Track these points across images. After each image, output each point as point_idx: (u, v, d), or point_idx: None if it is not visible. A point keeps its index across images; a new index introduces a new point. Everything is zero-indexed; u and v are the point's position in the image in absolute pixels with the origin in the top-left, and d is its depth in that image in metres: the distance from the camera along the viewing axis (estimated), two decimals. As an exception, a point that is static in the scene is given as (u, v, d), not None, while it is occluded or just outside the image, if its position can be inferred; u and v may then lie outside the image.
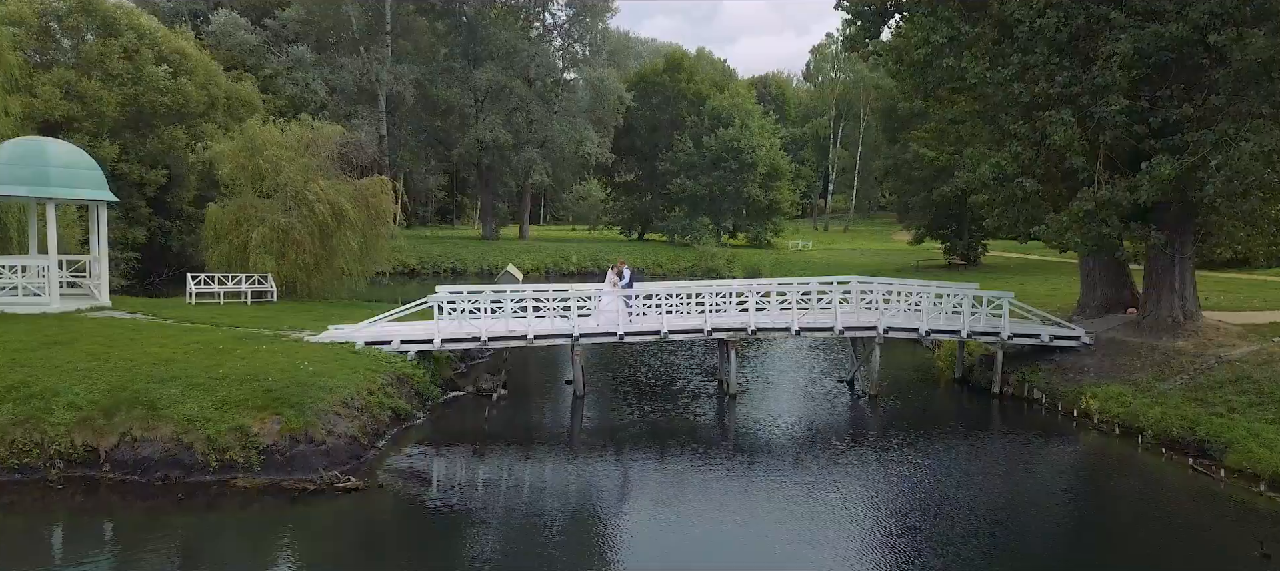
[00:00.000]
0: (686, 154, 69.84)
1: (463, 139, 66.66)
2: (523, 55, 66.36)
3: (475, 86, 65.97)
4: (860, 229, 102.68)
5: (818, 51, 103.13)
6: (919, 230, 49.40)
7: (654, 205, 77.55)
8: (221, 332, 21.53)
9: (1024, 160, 20.05)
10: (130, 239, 44.72)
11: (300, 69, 61.17)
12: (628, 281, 23.50)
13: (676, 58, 77.20)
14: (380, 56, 65.47)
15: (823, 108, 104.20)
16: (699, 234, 68.96)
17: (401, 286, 60.71)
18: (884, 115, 49.45)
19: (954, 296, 23.61)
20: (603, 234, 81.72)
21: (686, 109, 73.70)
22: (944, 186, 44.80)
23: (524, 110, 67.74)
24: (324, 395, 16.88)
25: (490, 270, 63.63)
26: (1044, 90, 19.75)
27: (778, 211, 71.77)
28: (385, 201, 30.35)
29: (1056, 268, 48.02)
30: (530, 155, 66.81)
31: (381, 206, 30.08)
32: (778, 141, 73.25)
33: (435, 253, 64.45)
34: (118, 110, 42.59)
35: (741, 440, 19.51)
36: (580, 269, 65.45)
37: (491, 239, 72.23)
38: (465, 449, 17.75)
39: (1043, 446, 19.32)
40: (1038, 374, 22.79)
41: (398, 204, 66.94)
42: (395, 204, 31.34)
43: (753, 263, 64.16)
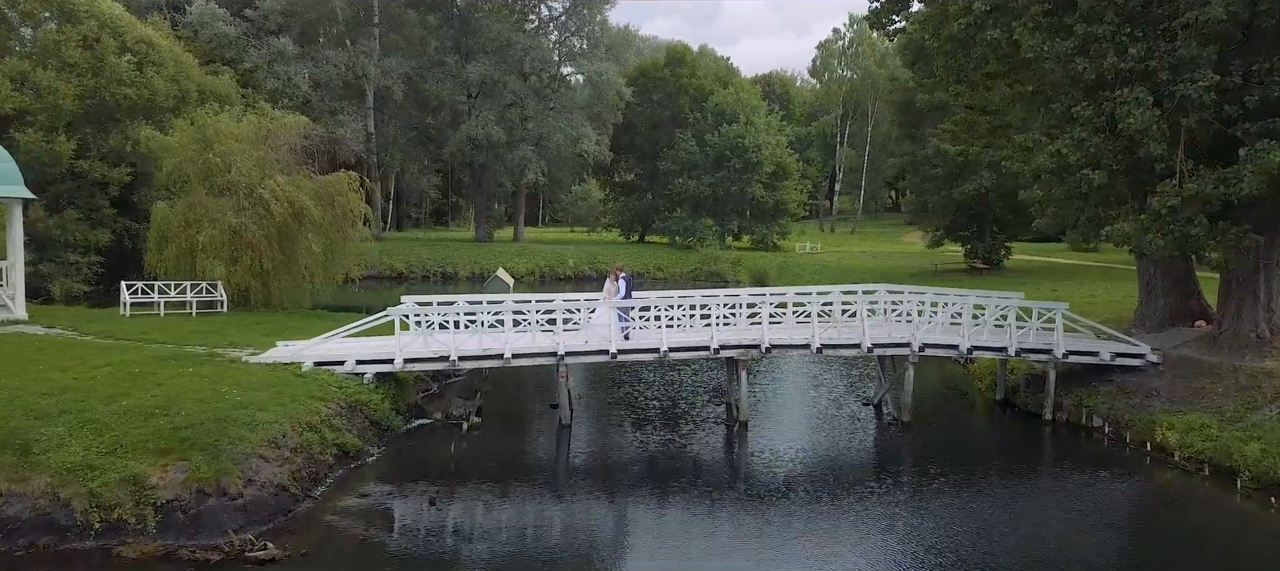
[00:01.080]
0: (689, 152, 66.76)
1: (454, 136, 63.58)
2: (517, 49, 63.28)
3: (467, 81, 62.91)
4: (867, 230, 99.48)
5: (824, 47, 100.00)
6: (937, 231, 46.25)
7: (655, 206, 74.43)
8: (146, 352, 18.45)
9: (1089, 149, 16.88)
10: (93, 241, 41.62)
11: (282, 62, 58.12)
12: (624, 291, 20.43)
13: (678, 52, 74.08)
14: (367, 50, 62.41)
15: (829, 105, 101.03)
16: (702, 236, 65.85)
17: (387, 291, 57.65)
18: (900, 109, 46.36)
19: (998, 307, 20.49)
20: (602, 236, 78.63)
21: (689, 105, 70.58)
22: (966, 184, 41.71)
23: (518, 106, 64.66)
24: (247, 433, 13.79)
25: (482, 274, 60.53)
26: (1113, 65, 16.64)
27: (784, 212, 68.57)
28: (353, 199, 27.24)
29: (1087, 272, 44.89)
30: (525, 153, 63.71)
31: (349, 205, 26.97)
32: (784, 139, 70.05)
33: (424, 256, 61.42)
34: (75, 103, 39.55)
35: (754, 476, 16.54)
36: (577, 272, 62.35)
37: (485, 241, 69.13)
38: (425, 491, 14.69)
39: (1111, 485, 16.22)
40: (1097, 397, 19.66)
41: (376, 202, 64.51)
42: (366, 202, 28.17)
43: (759, 266, 61.01)
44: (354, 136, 60.55)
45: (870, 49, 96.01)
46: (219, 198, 25.91)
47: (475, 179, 70.53)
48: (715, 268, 61.44)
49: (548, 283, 60.99)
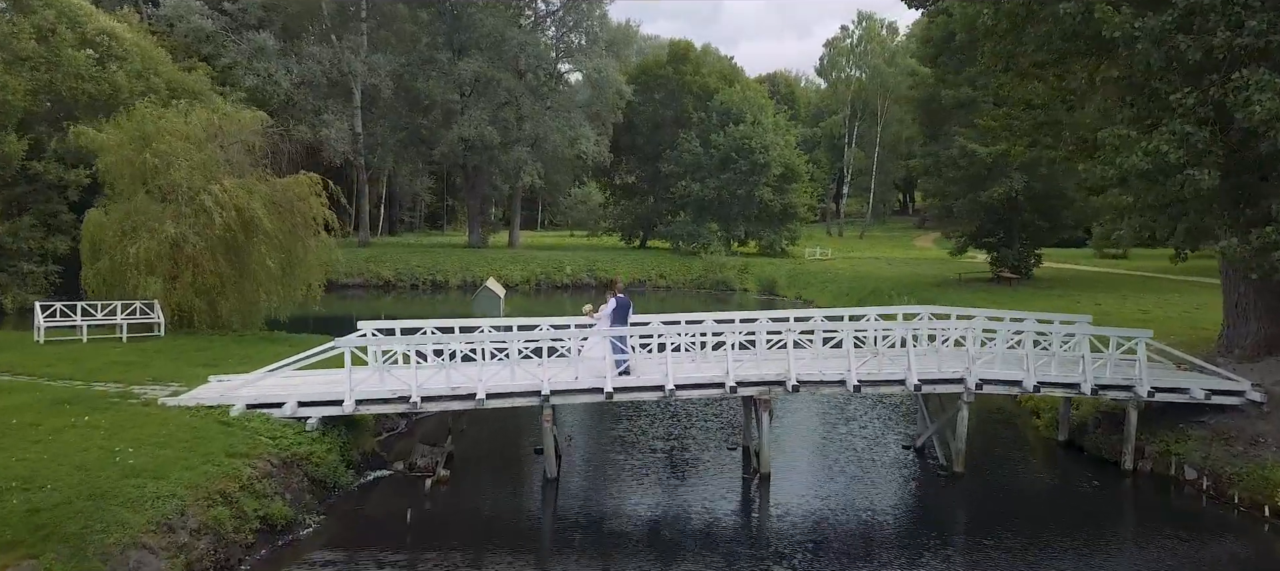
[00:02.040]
0: (692, 153, 63.55)
1: (446, 137, 60.40)
2: (512, 44, 60.09)
3: (459, 79, 59.72)
4: (877, 234, 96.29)
5: (832, 45, 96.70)
6: (962, 238, 42.98)
7: (657, 210, 71.15)
8: (39, 393, 15.24)
9: (1195, 145, 13.65)
10: (50, 249, 38.60)
11: (263, 58, 54.97)
12: (615, 315, 17.26)
13: (681, 49, 70.84)
14: (354, 46, 59.24)
15: (836, 106, 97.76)
16: (706, 241, 62.63)
17: (375, 300, 54.56)
18: (922, 107, 43.11)
19: (1065, 333, 17.28)
20: (602, 241, 75.40)
21: (692, 104, 67.36)
22: (995, 187, 38.47)
23: (513, 105, 61.48)
24: (129, 514, 10.61)
25: (474, 282, 57.35)
26: (1225, 42, 13.41)
27: (793, 216, 65.27)
28: (315, 204, 23.99)
29: (1125, 282, 41.65)
30: (520, 155, 60.49)
31: (309, 211, 23.73)
32: (793, 139, 66.76)
33: (413, 263, 58.22)
34: (27, 99, 36.49)
35: (777, 539, 13.48)
36: (575, 280, 59.16)
37: (479, 247, 65.90)
38: (377, 564, 11.55)
39: (1212, 553, 13.05)
40: (1188, 443, 16.42)
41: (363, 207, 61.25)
42: (335, 207, 24.87)
43: (767, 274, 57.82)
44: (339, 137, 57.39)
45: (880, 47, 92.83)
46: (164, 203, 22.71)
47: (469, 182, 67.33)
48: (721, 275, 58.24)
49: (544, 291, 57.84)
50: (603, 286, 58.97)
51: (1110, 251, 54.92)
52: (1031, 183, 39.04)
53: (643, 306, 57.73)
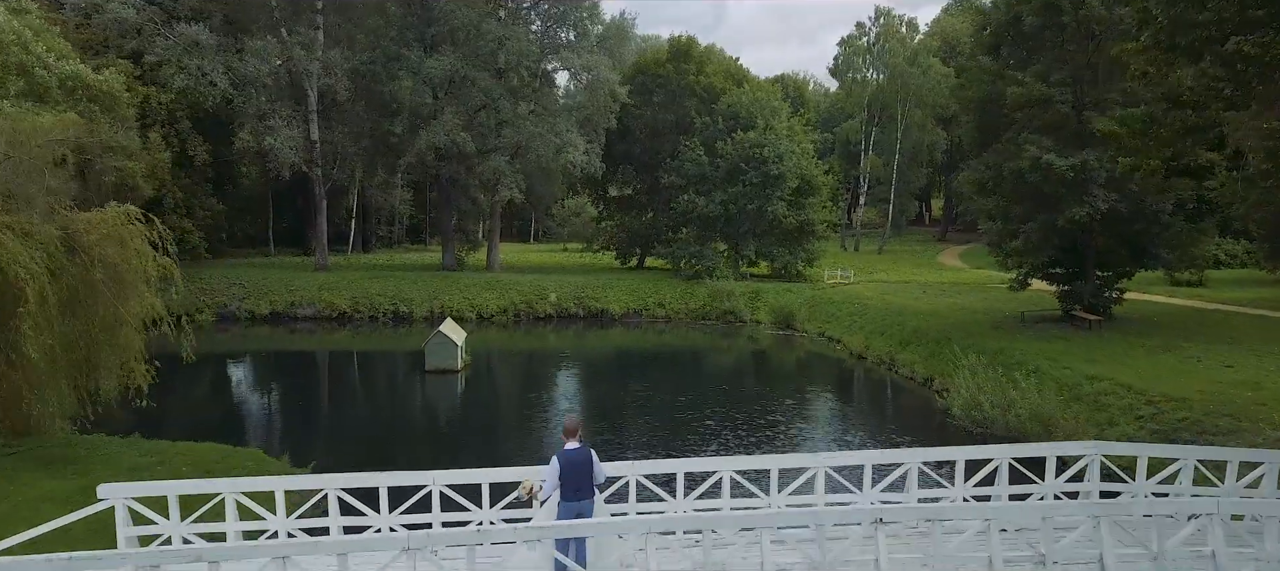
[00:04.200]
0: (696, 163, 55.76)
1: (413, 144, 52.69)
2: (489, 38, 52.37)
3: (428, 77, 52.02)
4: (895, 247, 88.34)
5: (847, 44, 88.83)
6: (1022, 269, 35.03)
7: (656, 226, 63.37)
8: None
9: None
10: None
11: (197, 54, 47.30)
12: (566, 474, 9.56)
13: (682, 45, 63.05)
14: (306, 41, 51.56)
15: (852, 109, 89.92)
16: (712, 262, 54.78)
17: (326, 335, 46.64)
18: (981, 109, 35.21)
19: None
20: (596, 259, 67.55)
21: (696, 107, 59.58)
22: (1077, 208, 30.61)
23: (491, 109, 53.73)
24: None
25: (442, 313, 49.57)
26: None
27: (811, 235, 57.34)
28: (131, 255, 16.20)
29: (1235, 322, 33.85)
30: (497, 165, 52.71)
31: (123, 262, 15.95)
32: (810, 146, 58.88)
33: (374, 291, 50.41)
34: None
35: None
36: (559, 310, 51.31)
37: (452, 269, 58.11)
38: None
39: None
40: None
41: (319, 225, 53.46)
42: (160, 250, 16.96)
43: (782, 303, 49.94)
44: (288, 145, 49.70)
45: (899, 45, 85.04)
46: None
47: (442, 195, 59.60)
48: (728, 304, 50.35)
49: (524, 323, 50.02)
50: (589, 318, 51.27)
51: (1184, 278, 47.07)
52: (1117, 203, 31.21)
53: (638, 341, 50.65)
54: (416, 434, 26.59)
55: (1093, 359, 27.43)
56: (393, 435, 25.91)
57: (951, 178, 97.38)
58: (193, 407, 29.93)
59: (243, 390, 34.44)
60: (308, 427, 26.68)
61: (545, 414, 28.16)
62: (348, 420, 27.76)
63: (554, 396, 31.32)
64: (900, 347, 36.49)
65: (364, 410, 29.27)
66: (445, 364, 32.81)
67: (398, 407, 30.06)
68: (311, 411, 29.14)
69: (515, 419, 27.99)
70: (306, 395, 32.38)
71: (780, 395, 31.44)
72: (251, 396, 33.45)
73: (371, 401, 31.18)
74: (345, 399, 31.70)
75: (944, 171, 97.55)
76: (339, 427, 26.53)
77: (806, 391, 32.84)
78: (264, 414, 29.76)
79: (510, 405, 30.50)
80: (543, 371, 37.96)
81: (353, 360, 40.67)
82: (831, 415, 28.56)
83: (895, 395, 32.28)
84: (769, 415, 27.59)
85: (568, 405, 29.34)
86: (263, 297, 48.84)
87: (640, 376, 36.19)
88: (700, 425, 25.93)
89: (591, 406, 30.03)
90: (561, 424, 11.86)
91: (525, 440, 24.85)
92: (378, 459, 21.60)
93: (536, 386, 34.06)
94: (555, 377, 35.82)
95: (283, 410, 30.08)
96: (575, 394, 32.02)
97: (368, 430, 26.10)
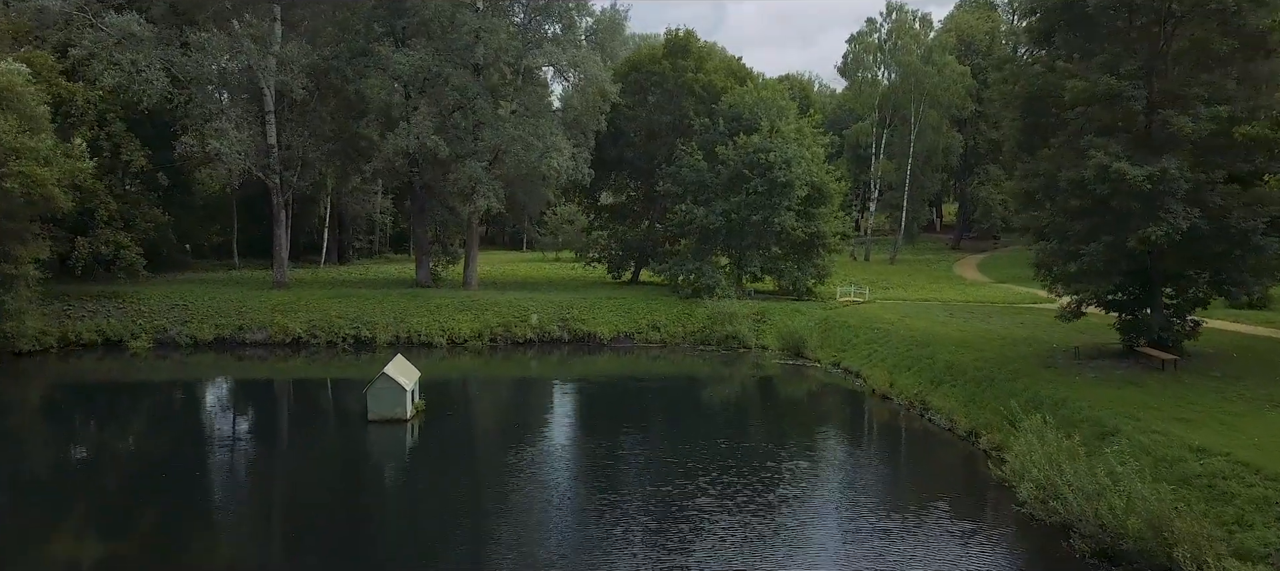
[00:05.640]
0: (695, 169, 50.39)
1: (380, 148, 47.39)
2: (464, 31, 47.02)
3: (398, 74, 46.72)
4: (907, 257, 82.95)
5: (857, 41, 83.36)
6: (1085, 296, 29.47)
7: (652, 236, 58.04)
8: None
9: None
10: None
11: (132, 47, 42.05)
12: None
13: (680, 40, 57.65)
14: (261, 33, 46.25)
15: (863, 110, 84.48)
16: (712, 279, 49.35)
17: (279, 362, 40.87)
18: (1027, 107, 29.75)
19: None
20: (587, 272, 62.13)
21: (695, 107, 54.22)
22: (1153, 226, 25.20)
23: (467, 109, 48.39)
24: None
25: (408, 339, 44.37)
26: None
27: (822, 247, 51.82)
28: None
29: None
30: (473, 171, 47.32)
31: None
32: (821, 151, 53.39)
33: (334, 312, 45.04)
34: None
35: None
36: (541, 334, 45.95)
37: (426, 285, 52.78)
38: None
39: None
40: None
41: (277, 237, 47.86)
42: None
43: (790, 326, 44.52)
44: (236, 149, 44.39)
45: (913, 41, 79.62)
46: None
47: (415, 204, 54.28)
48: (731, 328, 44.91)
49: (501, 349, 44.69)
50: (575, 342, 45.81)
51: (1244, 299, 41.50)
52: (1198, 220, 25.77)
53: (628, 369, 42.48)
54: (315, 521, 20.23)
55: (1184, 416, 22.00)
56: (273, 527, 20.34)
57: (967, 182, 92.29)
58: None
59: (98, 436, 28.90)
60: (157, 503, 20.94)
61: (503, 489, 22.73)
62: (230, 495, 22.35)
63: (521, 461, 25.57)
64: (932, 387, 31.05)
65: (259, 478, 23.65)
66: (390, 412, 27.41)
67: (310, 475, 24.16)
68: (181, 479, 22.87)
69: (463, 502, 21.75)
70: (192, 450, 26.04)
71: (794, 452, 26.01)
72: (118, 442, 27.94)
73: (281, 461, 25.56)
74: (245, 458, 25.73)
75: (959, 176, 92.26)
76: (204, 504, 21.11)
77: (825, 448, 27.39)
78: (112, 475, 23.90)
79: (463, 473, 24.59)
80: (511, 419, 32.32)
81: (287, 398, 35.26)
82: (861, 487, 23.07)
83: (933, 453, 26.80)
84: (780, 485, 22.20)
85: (530, 478, 23.84)
86: (207, 321, 43.46)
87: (626, 421, 30.75)
88: (691, 504, 20.53)
89: (559, 469, 24.64)
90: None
91: (473, 547, 19.09)
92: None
93: (500, 442, 28.37)
94: (523, 429, 30.02)
95: (139, 471, 24.27)
96: (543, 455, 26.45)
97: (246, 515, 20.69)
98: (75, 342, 41.17)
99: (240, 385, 37.30)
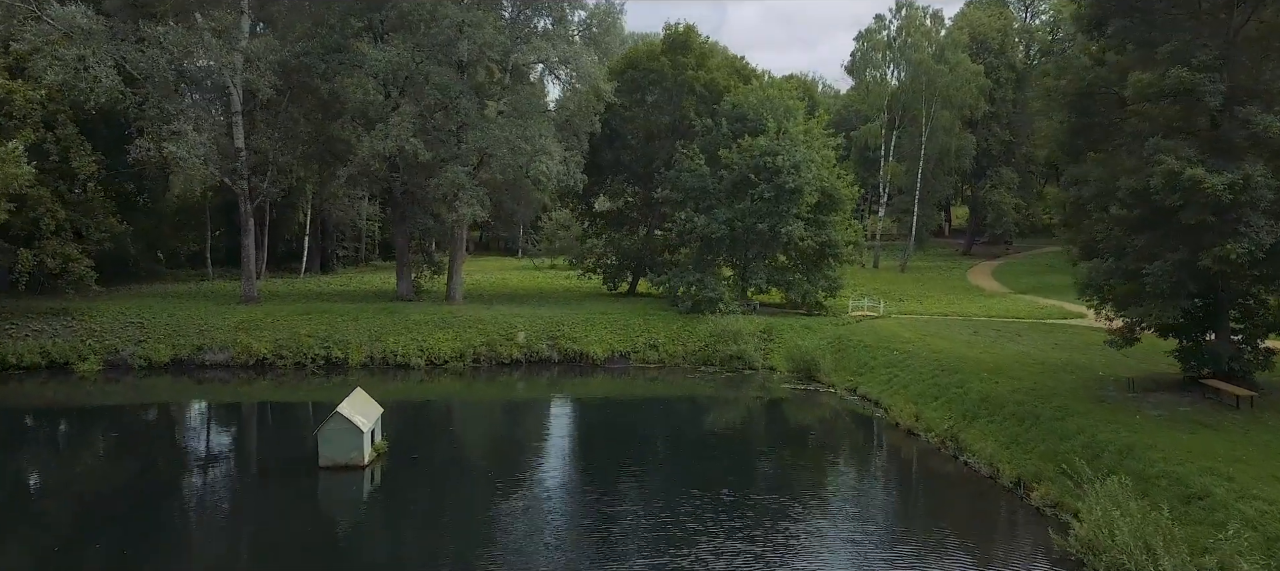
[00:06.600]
0: (696, 173, 46.77)
1: (357, 151, 43.76)
2: (446, 25, 43.39)
3: (374, 72, 43.08)
4: (918, 263, 79.31)
5: (865, 38, 79.70)
6: (1148, 318, 25.73)
7: (650, 246, 54.41)
8: None
9: None
10: None
11: (81, 41, 38.45)
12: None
13: (680, 36, 54.02)
14: (223, 27, 42.61)
15: (871, 111, 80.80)
16: (714, 291, 45.67)
17: (242, 386, 36.94)
18: (1078, 103, 26.11)
19: None
20: (581, 283, 58.44)
21: (695, 107, 50.61)
22: (1232, 243, 21.58)
23: (450, 109, 44.76)
24: None
25: (384, 359, 40.76)
26: None
27: (833, 257, 48.11)
28: None
29: None
30: (454, 176, 43.66)
31: None
32: (831, 153, 49.73)
33: (303, 330, 41.35)
34: None
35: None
36: (529, 353, 42.28)
37: (407, 298, 49.13)
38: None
39: None
40: None
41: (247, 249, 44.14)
42: None
43: (800, 346, 40.86)
44: (196, 153, 40.76)
45: (924, 38, 75.98)
46: None
47: (396, 211, 50.65)
48: (735, 347, 41.20)
49: (485, 370, 41.03)
50: (566, 362, 42.10)
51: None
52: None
53: (622, 392, 37.52)
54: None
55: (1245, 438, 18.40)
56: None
57: (979, 186, 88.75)
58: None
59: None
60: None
61: (469, 560, 19.06)
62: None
63: (492, 520, 21.78)
64: (965, 423, 27.37)
65: (164, 548, 19.41)
66: (344, 458, 23.75)
67: (233, 543, 20.01)
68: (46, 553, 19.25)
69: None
70: (75, 509, 21.98)
71: (811, 507, 22.31)
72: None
73: (201, 522, 21.37)
74: (151, 518, 21.65)
75: (972, 179, 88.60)
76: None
77: (849, 502, 23.58)
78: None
79: (423, 537, 20.53)
80: (485, 465, 27.51)
81: (233, 432, 31.45)
82: (898, 559, 19.30)
83: (976, 509, 22.85)
84: (799, 555, 18.56)
85: (502, 545, 20.11)
86: (164, 340, 39.76)
87: (618, 464, 26.98)
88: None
89: (537, 532, 20.97)
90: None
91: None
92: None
93: (470, 494, 23.83)
94: (499, 476, 25.38)
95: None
96: (519, 513, 22.73)
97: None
98: (15, 365, 37.49)
99: (182, 416, 33.69)
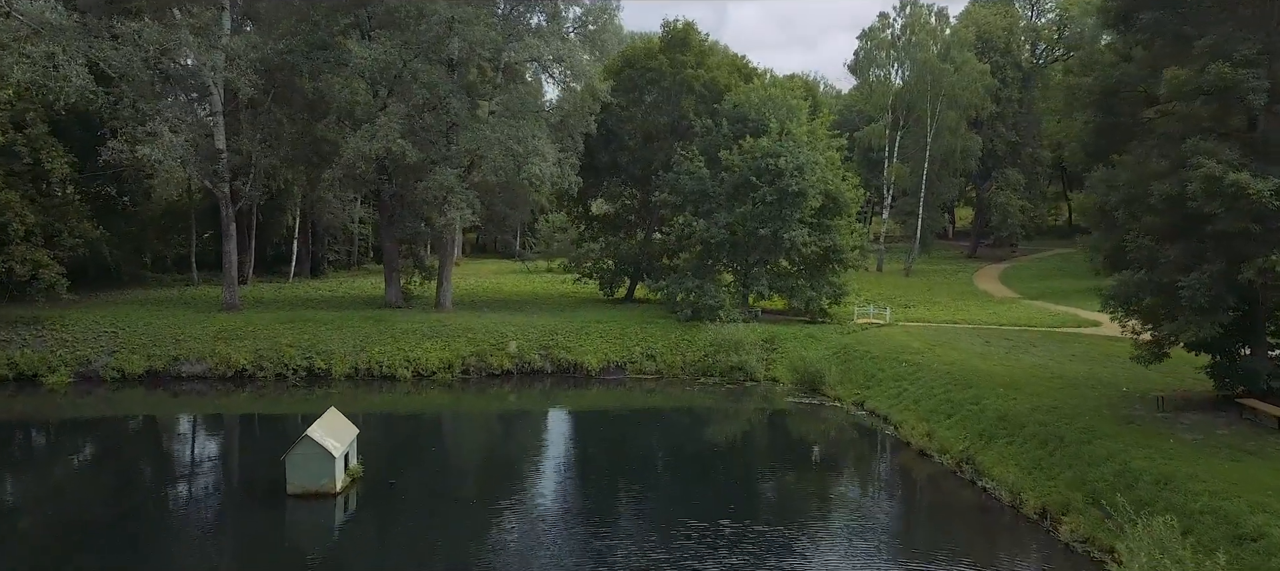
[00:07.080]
0: (695, 176, 45.03)
1: (343, 153, 42.01)
2: (436, 22, 41.62)
3: (360, 70, 41.34)
4: (922, 266, 77.58)
5: (868, 36, 77.91)
6: (1185, 332, 23.91)
7: (648, 251, 52.66)
8: None
9: None
10: None
11: (50, 38, 36.70)
12: None
13: (679, 33, 52.28)
14: (201, 23, 40.83)
15: (875, 111, 79.02)
16: (714, 298, 43.92)
17: (220, 398, 35.43)
18: (1103, 100, 24.39)
19: None
20: (578, 288, 56.70)
21: (695, 107, 48.87)
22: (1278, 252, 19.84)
23: (439, 108, 43.00)
24: None
25: (369, 370, 39.02)
26: None
27: (837, 262, 46.34)
28: None
29: None
30: (443, 178, 41.91)
31: None
32: (836, 155, 47.99)
33: (285, 340, 39.60)
34: None
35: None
36: (521, 363, 40.53)
37: (396, 305, 47.35)
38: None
39: None
40: None
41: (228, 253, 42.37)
42: None
43: (804, 356, 39.12)
44: (171, 155, 39.00)
45: (929, 37, 74.22)
46: None
47: (384, 215, 48.89)
48: (736, 358, 39.44)
49: (474, 382, 39.29)
50: (559, 372, 40.36)
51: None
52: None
53: (618, 404, 35.34)
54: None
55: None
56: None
57: (985, 187, 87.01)
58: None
59: None
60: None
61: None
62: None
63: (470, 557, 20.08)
64: (982, 444, 25.61)
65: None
66: (314, 485, 22.00)
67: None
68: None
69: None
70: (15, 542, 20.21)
71: (820, 541, 20.57)
72: None
73: (153, 557, 19.36)
74: (96, 552, 19.54)
75: (978, 180, 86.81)
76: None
77: (860, 533, 21.71)
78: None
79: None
80: (467, 491, 25.18)
81: (198, 451, 29.59)
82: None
83: (1001, 543, 20.93)
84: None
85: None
86: (139, 351, 38.02)
87: (611, 489, 25.24)
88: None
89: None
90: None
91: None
92: None
93: (449, 526, 21.66)
94: (481, 504, 23.22)
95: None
96: (500, 549, 20.83)
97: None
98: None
99: (149, 432, 32.00)
